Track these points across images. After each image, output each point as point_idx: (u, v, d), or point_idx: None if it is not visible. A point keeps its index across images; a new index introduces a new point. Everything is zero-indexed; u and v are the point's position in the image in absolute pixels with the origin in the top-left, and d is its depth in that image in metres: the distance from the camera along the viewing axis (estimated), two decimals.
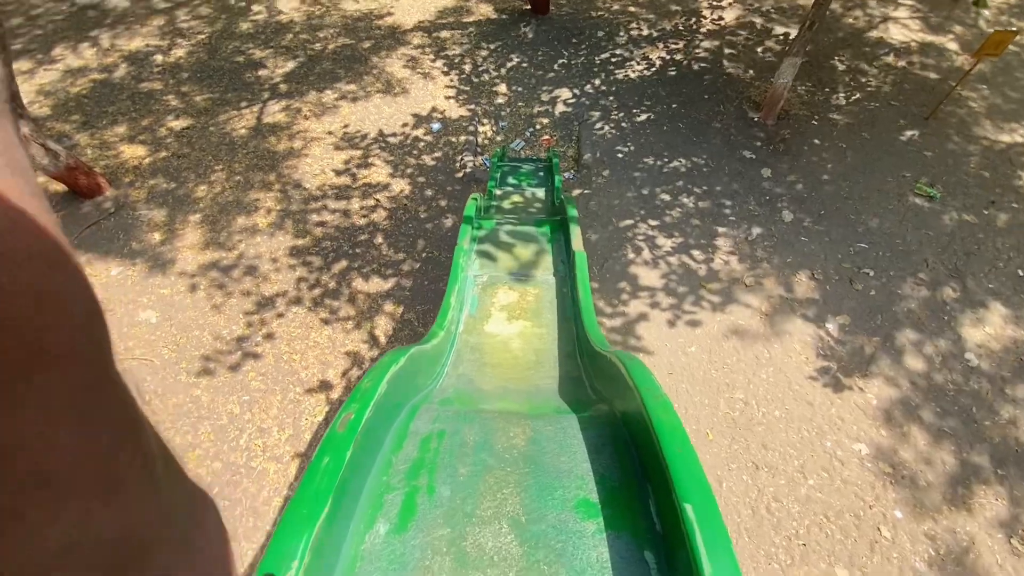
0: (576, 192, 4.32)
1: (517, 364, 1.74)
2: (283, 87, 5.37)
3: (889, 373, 3.20)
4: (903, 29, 5.88)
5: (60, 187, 4.13)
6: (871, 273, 3.70)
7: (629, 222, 4.07)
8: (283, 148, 4.73)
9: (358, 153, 4.72)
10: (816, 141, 4.67)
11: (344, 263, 3.87)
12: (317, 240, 4.02)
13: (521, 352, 1.80)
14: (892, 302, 3.54)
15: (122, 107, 5.06)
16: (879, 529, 2.67)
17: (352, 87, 5.38)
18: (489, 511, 0.96)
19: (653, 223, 4.05)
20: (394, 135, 4.92)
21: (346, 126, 4.98)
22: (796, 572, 2.48)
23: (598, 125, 4.98)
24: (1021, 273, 3.69)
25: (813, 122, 4.84)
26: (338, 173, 4.54)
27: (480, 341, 1.83)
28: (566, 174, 4.52)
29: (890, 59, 5.47)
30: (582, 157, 4.61)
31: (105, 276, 3.70)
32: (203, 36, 6.01)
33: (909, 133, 4.72)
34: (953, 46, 5.63)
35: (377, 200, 4.32)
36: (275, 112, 5.08)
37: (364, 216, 4.21)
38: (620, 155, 4.66)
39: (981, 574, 2.49)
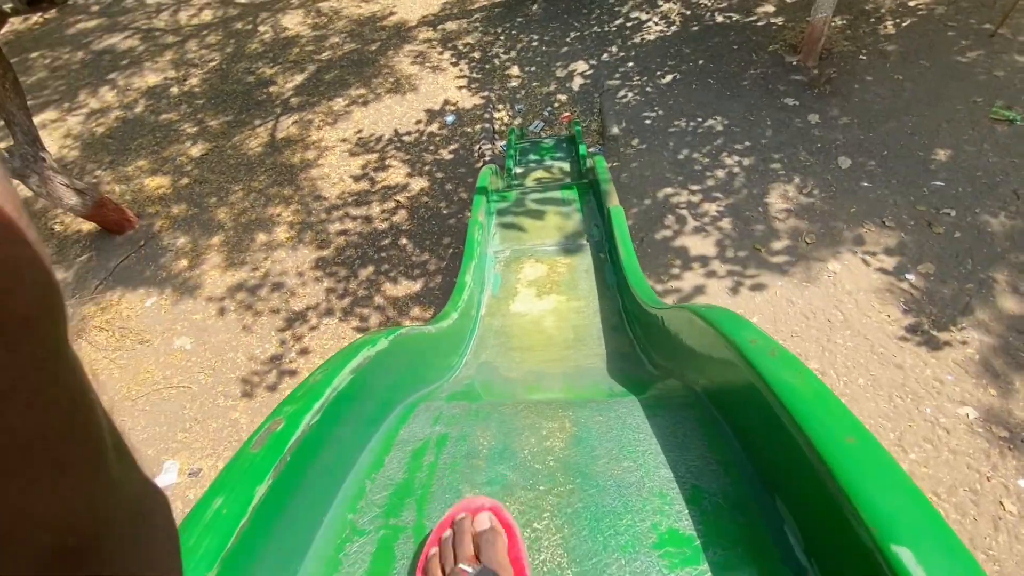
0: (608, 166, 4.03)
1: (552, 344, 1.43)
2: (294, 101, 5.31)
3: (990, 323, 2.78)
4: None
5: (91, 226, 4.17)
6: (952, 213, 3.25)
7: (668, 191, 3.75)
8: (299, 161, 4.64)
9: (374, 156, 4.59)
10: (868, 77, 4.20)
11: (371, 269, 3.73)
12: (341, 249, 3.90)
13: (556, 331, 1.51)
14: (982, 243, 3.09)
15: (143, 141, 5.11)
16: (1002, 503, 2.29)
17: (362, 91, 5.25)
18: None
19: (695, 188, 3.72)
20: (409, 133, 4.76)
21: (359, 131, 4.86)
22: None
23: (620, 93, 4.66)
24: None
25: (861, 57, 4.36)
26: (356, 179, 4.41)
27: (506, 323, 1.55)
28: (591, 149, 4.23)
29: None
30: (607, 129, 4.31)
31: (140, 308, 3.70)
32: (214, 63, 6.04)
33: (974, 54, 4.17)
34: None
35: (398, 201, 4.16)
36: (288, 126, 5.01)
37: (386, 219, 4.06)
38: (648, 121, 4.33)
39: None
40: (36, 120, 5.52)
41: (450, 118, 4.82)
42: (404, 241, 3.86)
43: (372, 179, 4.39)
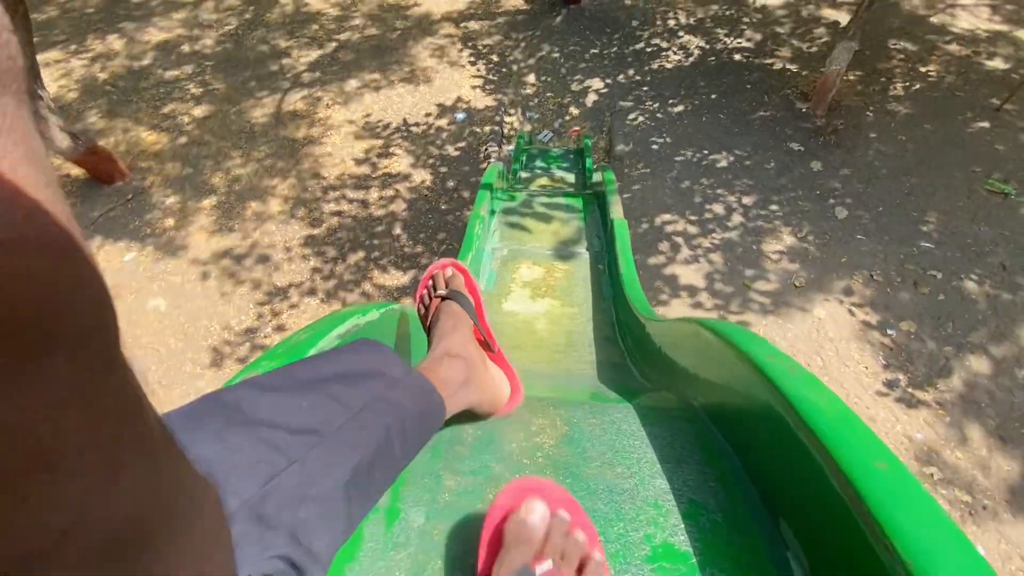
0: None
1: (543, 346, 1.40)
2: (306, 76, 5.25)
3: (964, 388, 2.82)
4: (969, 16, 5.42)
5: (80, 172, 4.06)
6: (939, 276, 3.31)
7: (667, 217, 3.76)
8: (302, 136, 4.58)
9: (379, 143, 4.54)
10: (872, 134, 4.28)
11: (361, 254, 3.68)
12: (333, 230, 3.84)
13: (548, 334, 1.48)
14: (965, 308, 3.14)
15: (146, 95, 5.01)
16: None
17: (376, 76, 5.22)
18: None
19: (693, 219, 3.74)
20: (417, 125, 4.73)
21: (368, 115, 4.82)
22: None
23: (632, 116, 4.69)
24: None
25: (868, 113, 4.44)
26: (358, 162, 4.37)
27: (497, 320, 1.50)
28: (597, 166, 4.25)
29: (953, 47, 5.02)
30: (614, 148, 4.33)
31: (118, 262, 3.59)
32: (230, 27, 5.96)
33: (978, 125, 4.28)
34: None
35: (397, 190, 4.12)
36: (296, 101, 4.95)
37: (383, 207, 4.01)
38: (655, 147, 4.36)
39: None
40: (39, 58, 5.39)
41: (461, 115, 4.80)
42: (398, 231, 3.81)
43: (374, 165, 4.35)
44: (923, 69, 4.82)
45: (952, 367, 2.89)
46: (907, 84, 4.68)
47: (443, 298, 0.85)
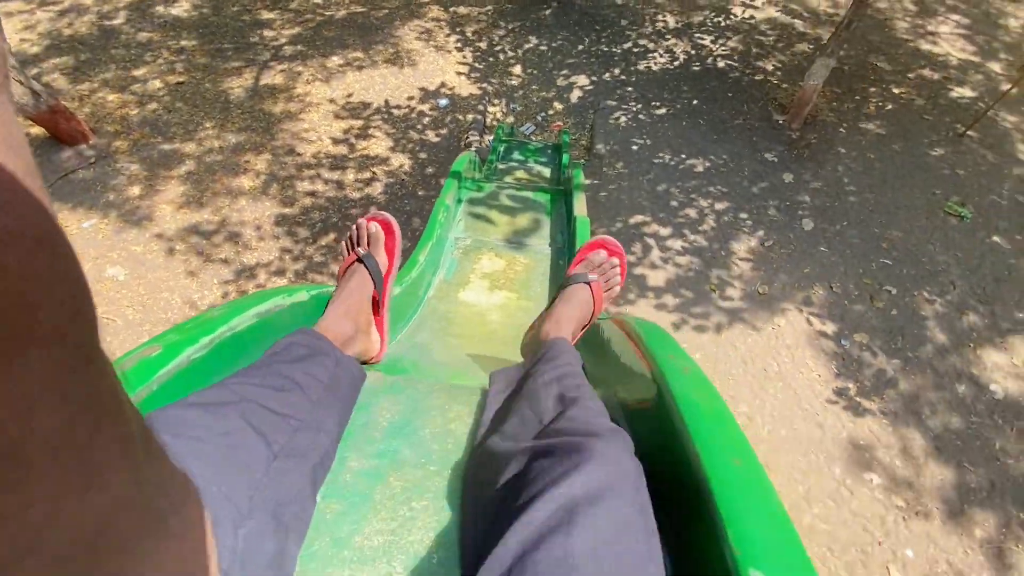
0: (586, 182, 4.06)
1: (492, 338, 1.40)
2: (287, 49, 5.11)
3: (908, 400, 2.95)
4: (944, 43, 5.61)
5: (40, 131, 3.88)
6: (893, 291, 3.44)
7: (640, 218, 3.81)
8: (280, 111, 4.47)
9: (359, 123, 4.47)
10: (842, 150, 4.41)
11: (333, 236, 3.63)
12: (306, 210, 3.77)
13: (500, 326, 1.49)
14: (914, 323, 3.29)
15: (116, 55, 4.80)
16: (888, 568, 2.43)
17: (359, 55, 5.12)
18: (380, 540, 0.55)
19: (665, 221, 3.80)
20: (399, 107, 4.67)
21: (349, 95, 4.73)
22: None
23: (614, 115, 4.72)
24: None
25: (841, 130, 4.57)
26: (336, 142, 4.29)
27: (451, 309, 1.50)
28: (574, 162, 4.27)
29: (926, 72, 5.20)
30: (595, 146, 4.35)
31: (76, 228, 3.46)
32: None
33: (941, 150, 4.46)
34: (995, 67, 5.36)
35: (374, 173, 4.07)
36: (275, 74, 4.82)
37: (359, 189, 3.96)
38: (635, 148, 4.40)
39: None
40: (1, 7, 5.11)
41: (444, 101, 4.76)
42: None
43: (352, 145, 4.27)
44: (896, 90, 4.98)
45: (898, 379, 3.02)
46: (880, 104, 4.83)
47: (358, 258, 0.96)
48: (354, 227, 1.03)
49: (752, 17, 5.88)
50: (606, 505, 0.41)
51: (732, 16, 5.91)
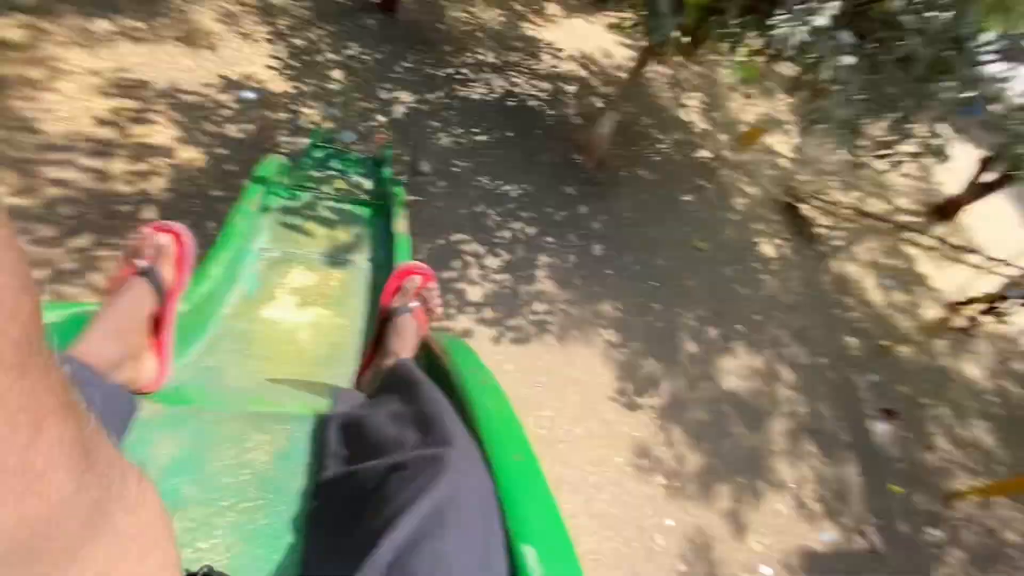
0: (409, 199, 4.08)
1: (302, 359, 1.32)
2: None
3: (670, 398, 3.65)
4: (693, 114, 7.18)
5: None
6: (659, 308, 4.24)
7: (460, 236, 3.98)
8: (15, 76, 3.48)
9: (135, 104, 3.74)
10: (625, 190, 5.29)
11: (91, 238, 2.95)
12: (52, 202, 3.00)
13: (310, 345, 1.40)
14: (674, 332, 4.09)
15: None
16: (654, 538, 2.94)
17: (138, 24, 4.31)
18: None
19: (483, 240, 4.04)
20: (191, 94, 4.05)
21: (123, 69, 3.93)
22: None
23: (438, 136, 4.86)
24: (755, 317, 4.63)
25: (623, 172, 5.49)
26: (100, 123, 3.51)
27: (252, 328, 1.35)
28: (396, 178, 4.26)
29: (679, 135, 6.58)
30: (418, 164, 4.41)
31: None
32: None
33: (690, 196, 5.68)
34: (724, 137, 7.06)
35: (154, 165, 3.44)
36: (10, 25, 3.75)
37: (131, 183, 3.30)
38: (456, 169, 4.59)
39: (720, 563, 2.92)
40: None
41: (249, 94, 4.29)
42: (150, 215, 3.18)
43: (123, 129, 3.55)
44: (660, 146, 6.19)
45: (663, 380, 3.72)
46: (650, 156, 5.95)
47: (140, 270, 0.87)
48: (138, 236, 0.92)
49: (557, 67, 6.69)
50: (467, 507, 0.49)
51: (541, 62, 6.64)
